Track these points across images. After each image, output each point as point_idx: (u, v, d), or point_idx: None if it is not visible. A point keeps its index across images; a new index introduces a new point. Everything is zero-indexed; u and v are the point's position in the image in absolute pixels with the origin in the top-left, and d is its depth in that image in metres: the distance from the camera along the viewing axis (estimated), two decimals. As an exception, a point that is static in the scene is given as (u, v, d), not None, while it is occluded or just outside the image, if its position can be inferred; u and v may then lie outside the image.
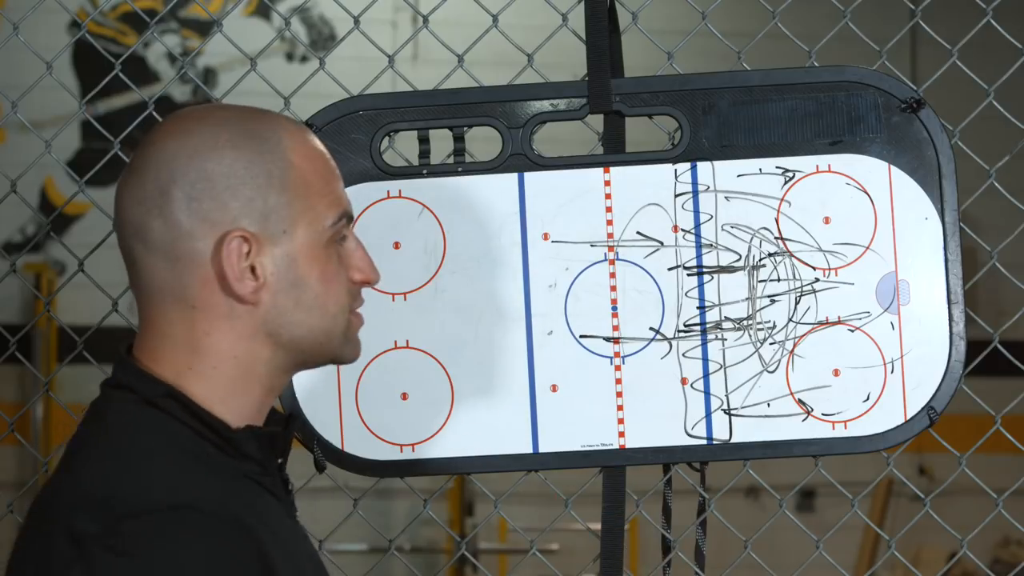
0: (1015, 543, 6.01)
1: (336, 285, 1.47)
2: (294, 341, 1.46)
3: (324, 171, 1.47)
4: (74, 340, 2.20)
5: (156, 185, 1.43)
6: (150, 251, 1.43)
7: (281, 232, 1.43)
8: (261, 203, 1.43)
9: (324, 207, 1.46)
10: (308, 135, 1.48)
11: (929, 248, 1.91)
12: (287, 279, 1.44)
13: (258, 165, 1.43)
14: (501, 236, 1.93)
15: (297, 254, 1.44)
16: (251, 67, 2.21)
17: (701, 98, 1.93)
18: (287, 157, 1.45)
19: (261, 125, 1.45)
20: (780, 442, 1.91)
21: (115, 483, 1.36)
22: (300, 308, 1.45)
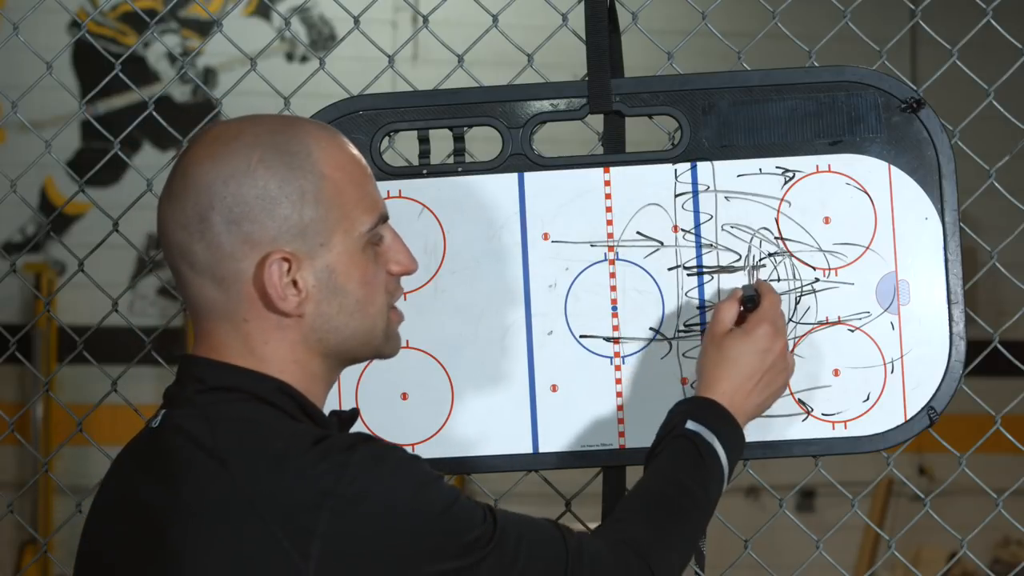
0: (1015, 543, 6.01)
1: (375, 287, 1.53)
2: (340, 344, 1.53)
3: (357, 177, 1.52)
4: (74, 340, 2.20)
5: (196, 211, 1.48)
6: (196, 272, 1.50)
7: (319, 245, 1.49)
8: (297, 219, 1.48)
9: (359, 213, 1.51)
10: (338, 141, 1.53)
11: (929, 248, 1.91)
12: (328, 288, 1.51)
13: (291, 183, 1.49)
14: (501, 236, 1.93)
15: (336, 263, 1.50)
16: (251, 67, 2.21)
17: (701, 98, 1.93)
18: (319, 170, 1.50)
19: (291, 140, 1.50)
20: (780, 442, 1.91)
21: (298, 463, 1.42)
22: (343, 313, 1.52)
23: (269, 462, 1.43)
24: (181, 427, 1.47)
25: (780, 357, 1.75)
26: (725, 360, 1.73)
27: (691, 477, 1.66)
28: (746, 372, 1.73)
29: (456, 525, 1.45)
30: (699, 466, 1.67)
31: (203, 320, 1.52)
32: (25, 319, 5.61)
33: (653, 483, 1.66)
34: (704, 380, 1.74)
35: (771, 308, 1.77)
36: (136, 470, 1.50)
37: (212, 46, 5.02)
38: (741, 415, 1.72)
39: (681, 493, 1.65)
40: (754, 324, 1.75)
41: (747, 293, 1.80)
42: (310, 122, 1.54)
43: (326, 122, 1.93)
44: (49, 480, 5.18)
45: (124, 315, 2.23)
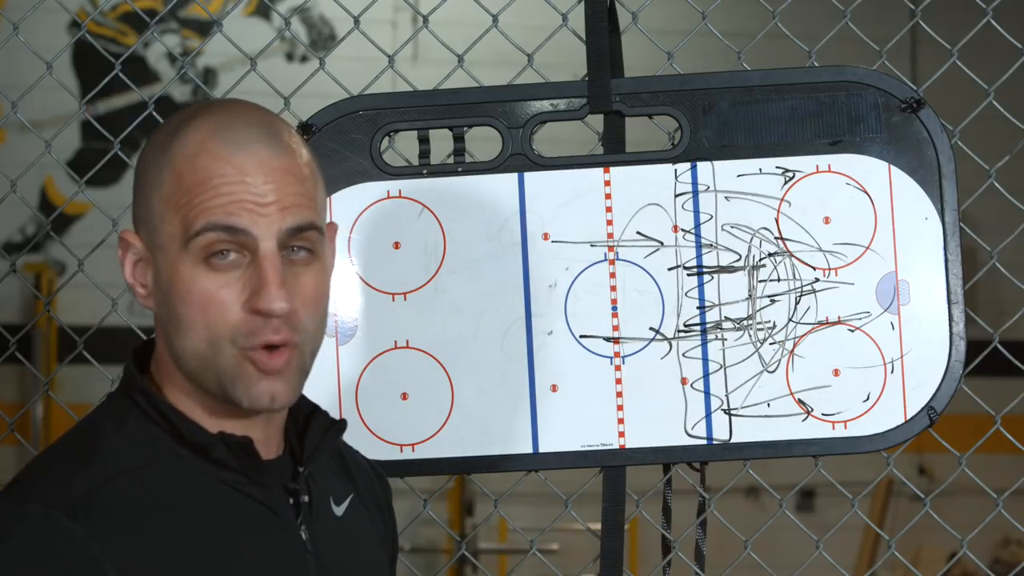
0: (1015, 543, 6.01)
1: (210, 313, 1.35)
2: (179, 354, 1.39)
3: (206, 176, 1.36)
4: (74, 340, 2.20)
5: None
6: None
7: (156, 244, 1.39)
8: (142, 209, 1.40)
9: (192, 216, 1.36)
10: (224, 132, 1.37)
11: (929, 248, 1.91)
12: (163, 292, 1.39)
13: (152, 168, 1.39)
14: (501, 236, 1.93)
15: (163, 268, 1.38)
16: (251, 67, 2.21)
17: (701, 98, 1.93)
18: (174, 159, 1.37)
19: (189, 120, 1.39)
20: (780, 442, 1.91)
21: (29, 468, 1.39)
22: (172, 326, 1.38)
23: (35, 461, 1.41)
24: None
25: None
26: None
27: None
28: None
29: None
30: None
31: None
32: (25, 319, 5.61)
33: None
34: None
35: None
36: None
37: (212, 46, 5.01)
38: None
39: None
40: None
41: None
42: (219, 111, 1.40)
43: (326, 122, 1.93)
44: (49, 480, 5.17)
45: (124, 315, 2.23)
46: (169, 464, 1.39)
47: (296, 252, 1.38)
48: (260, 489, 1.41)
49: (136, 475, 1.37)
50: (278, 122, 1.42)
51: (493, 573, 5.82)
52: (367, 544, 1.55)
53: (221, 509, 1.39)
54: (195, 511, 1.38)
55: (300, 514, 1.44)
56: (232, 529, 1.39)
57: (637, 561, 5.77)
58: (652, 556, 4.75)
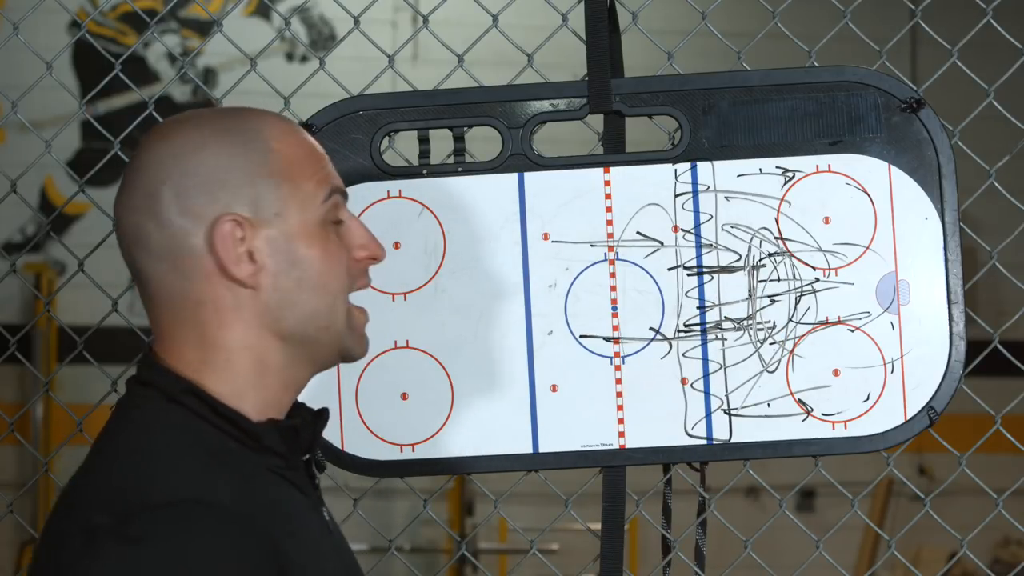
0: (1015, 543, 6.01)
1: (336, 264, 1.47)
2: (298, 327, 1.46)
3: (308, 152, 1.48)
4: (74, 340, 2.20)
5: (146, 190, 1.45)
6: (151, 256, 1.45)
7: (273, 215, 1.44)
8: (249, 190, 1.44)
9: (313, 186, 1.46)
10: (289, 124, 1.50)
11: (929, 248, 1.91)
12: (286, 260, 1.45)
13: (241, 156, 1.45)
14: (501, 236, 1.93)
15: (293, 234, 1.45)
16: (251, 67, 2.21)
17: (701, 98, 1.93)
18: (268, 144, 1.46)
19: (240, 120, 1.47)
20: (780, 442, 1.91)
21: (132, 478, 1.37)
22: (302, 288, 1.45)
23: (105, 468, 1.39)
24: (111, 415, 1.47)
25: None
26: None
27: None
28: None
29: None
30: None
31: (159, 311, 1.46)
32: (25, 319, 5.61)
33: None
34: None
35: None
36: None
37: (212, 46, 5.02)
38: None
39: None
40: None
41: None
42: (263, 110, 1.51)
43: (326, 122, 1.94)
44: (49, 480, 5.18)
45: (124, 315, 2.23)
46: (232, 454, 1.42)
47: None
48: (294, 473, 1.46)
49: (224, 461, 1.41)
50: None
51: (493, 573, 5.82)
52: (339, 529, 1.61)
53: (278, 495, 1.43)
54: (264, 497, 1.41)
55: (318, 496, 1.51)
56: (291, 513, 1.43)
57: (637, 561, 5.78)
58: (652, 556, 4.75)
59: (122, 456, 1.40)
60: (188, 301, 1.45)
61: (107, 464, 1.41)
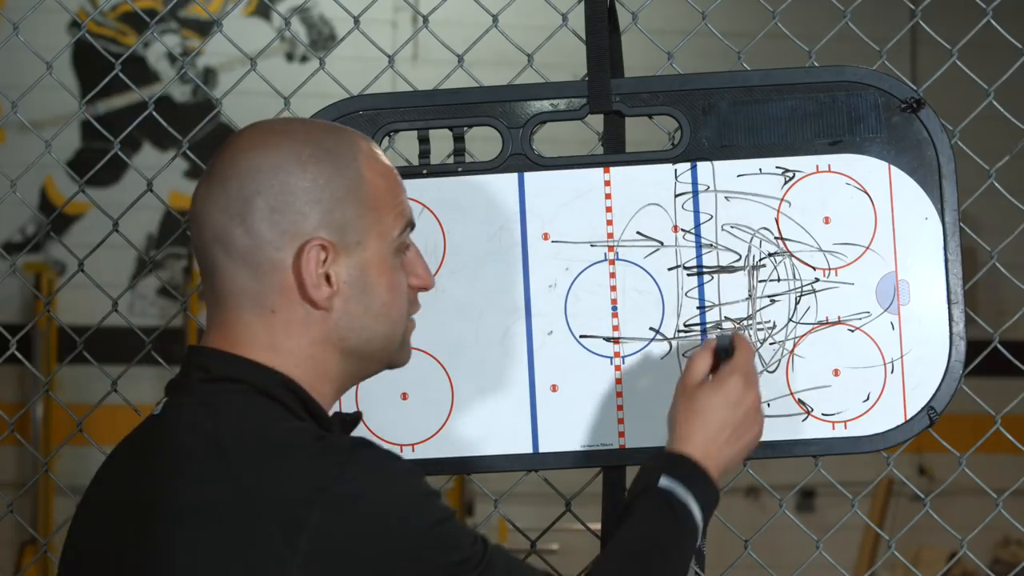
0: (1015, 543, 6.01)
1: (400, 293, 1.57)
2: (360, 346, 1.55)
3: (393, 185, 1.56)
4: (74, 340, 2.20)
5: (240, 195, 1.49)
6: (231, 257, 1.50)
7: (355, 243, 1.52)
8: (339, 215, 1.51)
9: (392, 219, 1.55)
10: (378, 150, 1.57)
11: (929, 248, 1.91)
12: (358, 287, 1.53)
13: (336, 180, 1.52)
14: (501, 236, 1.93)
15: (368, 263, 1.53)
16: (251, 67, 2.21)
17: (701, 98, 1.93)
18: (362, 173, 1.53)
19: (339, 142, 1.54)
20: (780, 442, 1.91)
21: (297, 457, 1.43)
22: (368, 315, 1.54)
23: (267, 453, 1.43)
24: (182, 416, 1.48)
25: (752, 410, 1.70)
26: (697, 412, 1.69)
27: (666, 536, 1.63)
28: (717, 425, 1.68)
29: (445, 543, 1.45)
30: (673, 524, 1.63)
31: (225, 309, 1.52)
32: (25, 319, 5.61)
33: (628, 542, 1.62)
34: (676, 432, 1.70)
35: (744, 360, 1.72)
36: (135, 461, 1.50)
37: (212, 46, 5.02)
38: (714, 468, 1.67)
39: (656, 552, 1.61)
40: (726, 376, 1.70)
41: (721, 343, 1.73)
42: (355, 132, 1.59)
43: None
44: (49, 480, 5.18)
45: (124, 315, 2.23)
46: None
47: None
48: None
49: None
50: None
51: (493, 573, 5.81)
52: None
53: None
54: None
55: None
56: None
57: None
58: (652, 556, 4.74)
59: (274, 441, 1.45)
60: (261, 307, 1.51)
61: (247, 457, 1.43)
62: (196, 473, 1.43)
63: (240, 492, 1.41)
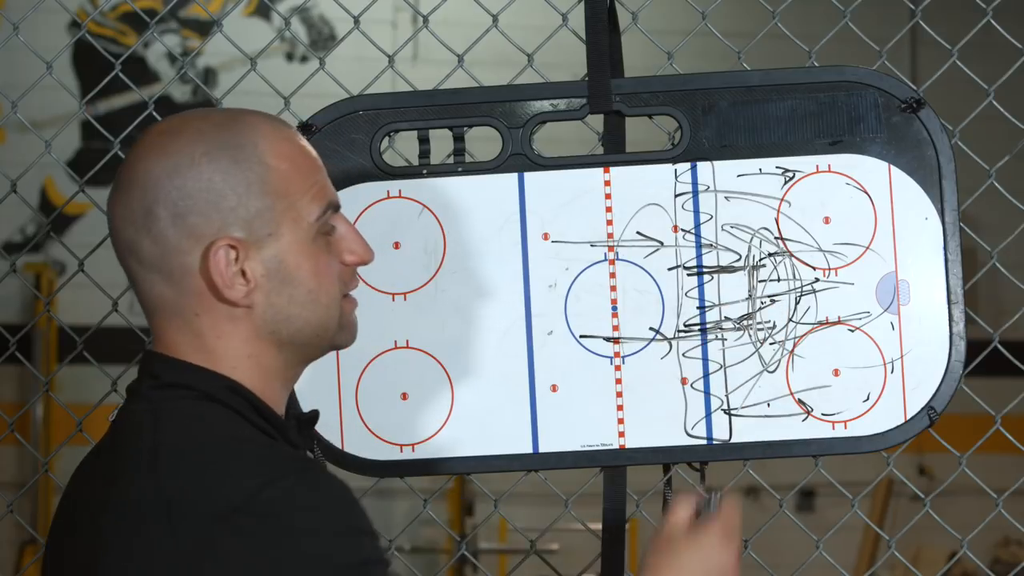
0: (1015, 543, 6.01)
1: (327, 277, 1.50)
2: (294, 336, 1.50)
3: (304, 167, 1.49)
4: (74, 340, 2.20)
5: (141, 205, 1.46)
6: (145, 267, 1.47)
7: (267, 235, 1.47)
8: (243, 211, 1.46)
9: (307, 203, 1.48)
10: (285, 133, 1.50)
11: (929, 248, 1.91)
12: (278, 278, 1.47)
13: (235, 175, 1.46)
14: (501, 236, 1.93)
15: (285, 253, 1.48)
16: (251, 67, 2.21)
17: (701, 98, 1.93)
18: (264, 161, 1.47)
19: (236, 133, 1.48)
20: (780, 442, 1.91)
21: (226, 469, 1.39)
22: (294, 304, 1.48)
23: (197, 464, 1.39)
24: (129, 423, 1.46)
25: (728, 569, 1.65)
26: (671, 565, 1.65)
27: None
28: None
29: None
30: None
31: (155, 317, 1.49)
32: (25, 319, 5.61)
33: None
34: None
35: (727, 516, 1.68)
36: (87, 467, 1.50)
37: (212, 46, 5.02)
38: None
39: None
40: (705, 530, 1.66)
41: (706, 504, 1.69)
42: (257, 114, 1.51)
43: (326, 122, 1.94)
44: (49, 480, 5.18)
45: (124, 315, 2.23)
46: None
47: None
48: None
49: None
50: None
51: (493, 573, 5.82)
52: None
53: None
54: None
55: None
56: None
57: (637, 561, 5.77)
58: (652, 556, 4.74)
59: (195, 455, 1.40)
60: (184, 312, 1.47)
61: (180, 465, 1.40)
62: (129, 482, 1.40)
63: (163, 502, 1.37)
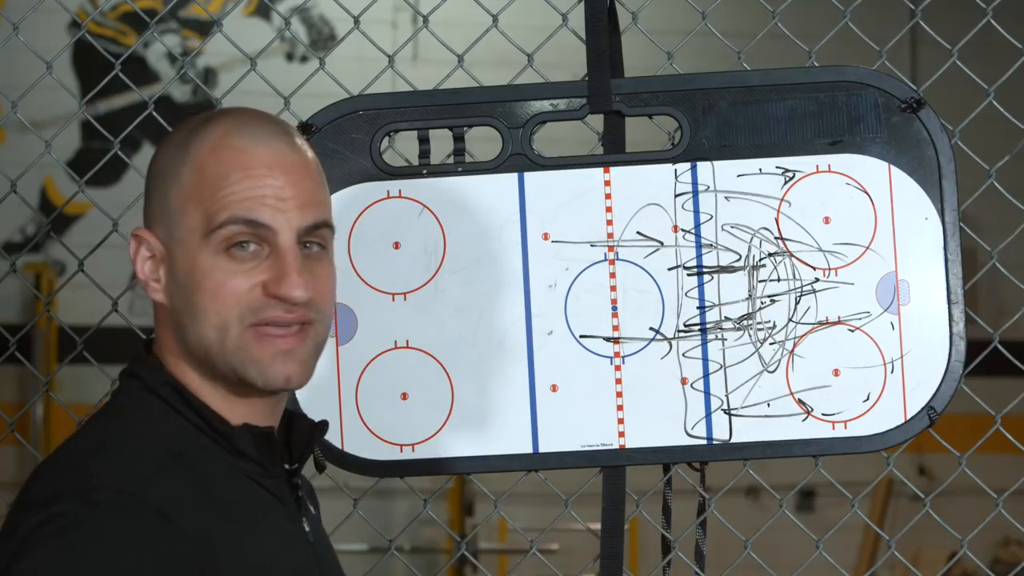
0: (1015, 543, 6.01)
1: (220, 300, 1.40)
2: (195, 349, 1.43)
3: (228, 170, 1.42)
4: (74, 340, 2.20)
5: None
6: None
7: (179, 239, 1.43)
8: (158, 207, 1.45)
9: (215, 210, 1.41)
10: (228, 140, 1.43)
11: (929, 248, 1.91)
12: (177, 283, 1.43)
13: (168, 174, 1.44)
14: (501, 236, 1.93)
15: (185, 261, 1.42)
16: (251, 67, 2.21)
17: (701, 98, 1.93)
18: (191, 164, 1.43)
19: (191, 132, 1.45)
20: (780, 442, 1.91)
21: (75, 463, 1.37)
22: (186, 316, 1.43)
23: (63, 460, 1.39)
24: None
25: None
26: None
27: None
28: None
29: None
30: None
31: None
32: (25, 319, 5.61)
33: None
34: None
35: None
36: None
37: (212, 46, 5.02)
38: None
39: None
40: None
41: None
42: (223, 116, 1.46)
43: (326, 122, 1.93)
44: (49, 480, 5.17)
45: (124, 315, 2.23)
46: (196, 454, 1.42)
47: (310, 247, 1.45)
48: (273, 481, 1.45)
49: (180, 458, 1.40)
50: (288, 125, 1.50)
51: (493, 573, 5.82)
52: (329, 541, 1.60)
53: (243, 499, 1.42)
54: (224, 499, 1.40)
55: (300, 507, 1.50)
56: (255, 518, 1.42)
57: (637, 561, 5.78)
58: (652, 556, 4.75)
59: (82, 441, 1.40)
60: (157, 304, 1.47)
61: (70, 445, 1.41)
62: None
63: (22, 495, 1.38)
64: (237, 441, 1.43)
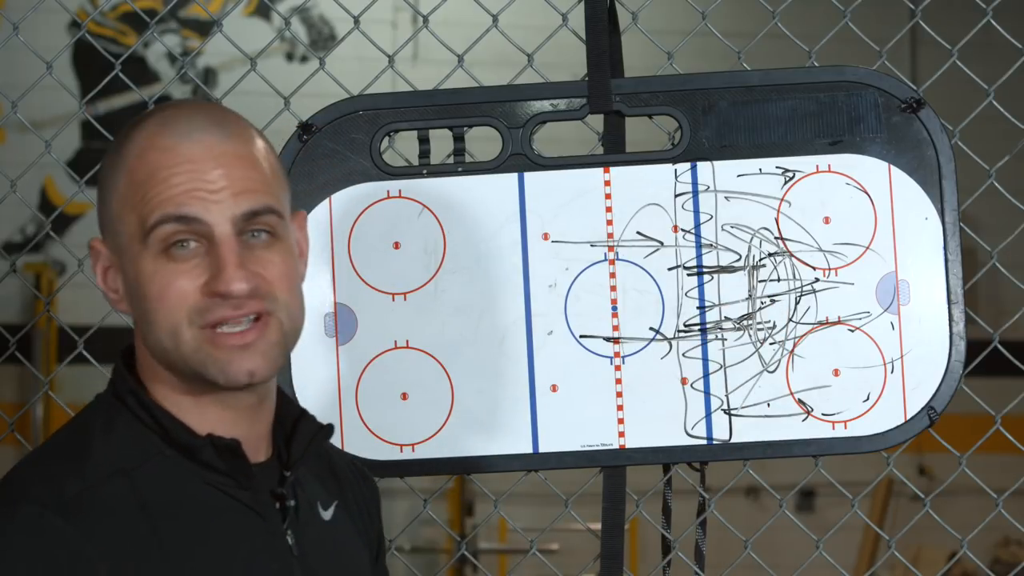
0: (1015, 543, 6.01)
1: (165, 303, 1.37)
2: (157, 354, 1.41)
3: (155, 169, 1.38)
4: (74, 340, 2.20)
5: None
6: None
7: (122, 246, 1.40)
8: (107, 212, 1.42)
9: (147, 212, 1.37)
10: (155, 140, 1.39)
11: (929, 248, 1.91)
12: (131, 292, 1.41)
13: (109, 172, 1.42)
14: (501, 236, 1.93)
15: (132, 266, 1.39)
16: (251, 67, 2.21)
17: (701, 98, 1.93)
18: (126, 159, 1.40)
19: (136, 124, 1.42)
20: (780, 442, 1.91)
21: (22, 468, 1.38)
22: (143, 321, 1.40)
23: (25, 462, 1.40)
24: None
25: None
26: None
27: None
28: None
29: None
30: None
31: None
32: (25, 319, 5.61)
33: None
34: None
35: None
36: None
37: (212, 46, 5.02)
38: None
39: None
40: None
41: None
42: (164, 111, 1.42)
43: (326, 122, 1.93)
44: (49, 480, 5.17)
45: (124, 315, 2.23)
46: (158, 465, 1.39)
47: (256, 236, 1.40)
48: (247, 493, 1.41)
49: (129, 475, 1.37)
50: (227, 112, 1.44)
51: (493, 573, 5.82)
52: (353, 548, 1.54)
53: (208, 512, 1.39)
54: (184, 513, 1.38)
55: (287, 519, 1.44)
56: (219, 532, 1.39)
57: (637, 561, 5.78)
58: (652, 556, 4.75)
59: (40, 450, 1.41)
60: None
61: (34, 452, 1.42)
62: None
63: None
64: (199, 453, 1.39)
